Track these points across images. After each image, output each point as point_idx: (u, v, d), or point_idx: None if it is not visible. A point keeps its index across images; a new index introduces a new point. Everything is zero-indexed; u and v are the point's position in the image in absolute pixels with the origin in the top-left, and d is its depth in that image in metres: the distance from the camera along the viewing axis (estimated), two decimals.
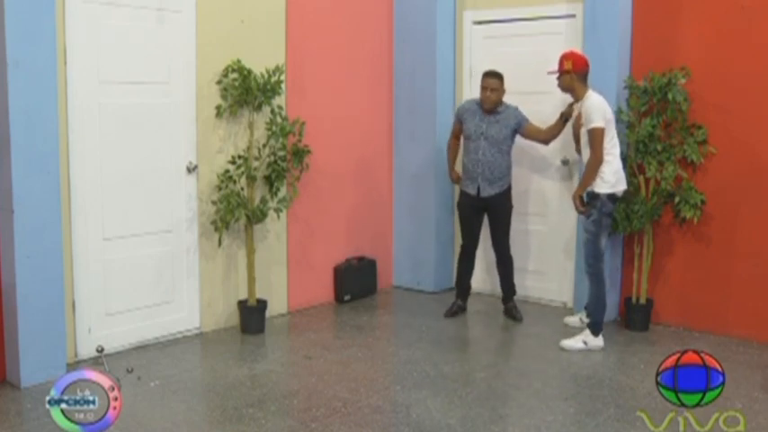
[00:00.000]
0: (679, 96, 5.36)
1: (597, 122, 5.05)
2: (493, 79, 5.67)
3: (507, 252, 5.93)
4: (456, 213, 6.36)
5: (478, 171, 5.74)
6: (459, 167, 6.22)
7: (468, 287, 6.13)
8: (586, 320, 5.40)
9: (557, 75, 5.25)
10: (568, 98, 5.43)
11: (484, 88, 5.69)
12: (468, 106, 5.89)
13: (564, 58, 5.24)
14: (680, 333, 5.61)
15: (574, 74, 5.18)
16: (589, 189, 5.14)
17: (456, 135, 5.94)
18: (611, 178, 5.11)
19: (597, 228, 5.14)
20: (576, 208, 5.25)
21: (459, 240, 6.36)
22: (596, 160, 5.07)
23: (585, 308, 5.41)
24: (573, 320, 5.74)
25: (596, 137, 5.05)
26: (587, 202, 5.18)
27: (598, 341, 5.20)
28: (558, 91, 5.38)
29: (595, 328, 5.21)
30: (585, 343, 5.19)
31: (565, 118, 5.59)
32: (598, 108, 5.07)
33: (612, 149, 5.12)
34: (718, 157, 5.45)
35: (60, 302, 4.57)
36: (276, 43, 5.81)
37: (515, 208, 5.94)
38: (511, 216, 5.89)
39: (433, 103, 6.55)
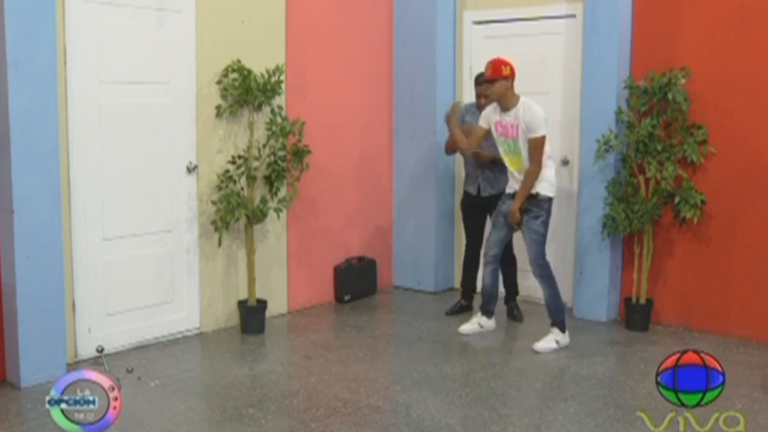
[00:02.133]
0: (679, 96, 5.36)
1: (542, 131, 5.00)
2: (484, 86, 5.65)
3: (510, 253, 5.93)
4: (457, 213, 6.36)
5: (479, 171, 5.74)
6: (459, 169, 6.24)
7: (474, 287, 6.13)
8: (487, 324, 5.57)
9: (490, 79, 5.04)
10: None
11: (478, 96, 5.71)
12: (468, 109, 5.90)
13: (501, 63, 5.05)
14: (680, 333, 5.61)
15: (510, 80, 5.07)
16: (534, 192, 5.08)
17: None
18: (554, 181, 5.18)
19: (545, 229, 5.18)
20: (515, 221, 5.16)
21: (459, 240, 6.37)
22: (539, 169, 5.05)
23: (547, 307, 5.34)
24: (469, 328, 5.68)
25: (541, 146, 5.02)
26: (533, 206, 5.11)
27: (566, 338, 5.25)
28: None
29: (562, 326, 5.25)
30: (558, 342, 5.21)
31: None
32: (541, 116, 5.02)
33: (551, 153, 5.17)
34: (718, 157, 5.45)
35: (60, 302, 4.57)
36: (276, 43, 5.81)
37: None
38: None
39: (433, 103, 6.55)
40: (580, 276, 5.93)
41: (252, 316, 5.55)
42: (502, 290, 6.07)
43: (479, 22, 6.58)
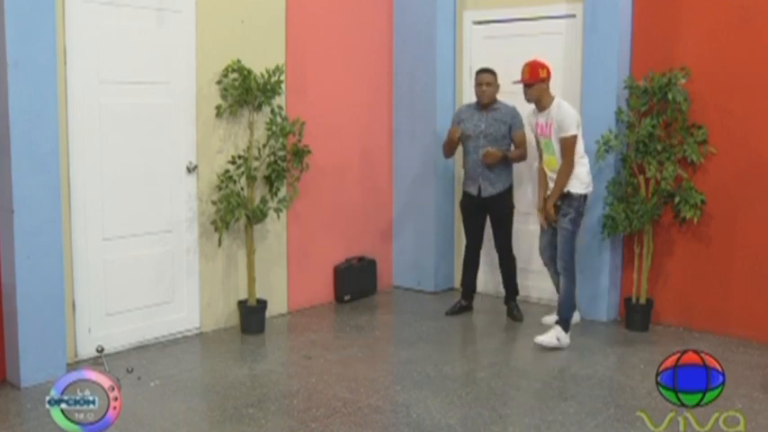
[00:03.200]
0: (679, 96, 5.36)
1: (572, 131, 5.13)
2: (486, 74, 5.69)
3: (510, 253, 5.93)
4: (457, 213, 6.36)
5: (479, 171, 5.73)
6: (459, 169, 6.23)
7: (474, 287, 6.14)
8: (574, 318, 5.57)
9: (528, 84, 5.17)
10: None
11: (478, 84, 5.70)
12: (465, 109, 5.92)
13: (538, 66, 5.18)
14: (680, 333, 5.61)
15: (547, 82, 5.20)
16: (566, 190, 5.20)
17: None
18: (587, 179, 5.26)
19: (574, 226, 5.26)
20: (549, 218, 5.31)
21: (459, 240, 6.37)
22: (570, 168, 5.17)
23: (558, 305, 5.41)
24: (549, 319, 5.75)
25: (571, 145, 5.14)
26: (564, 204, 5.23)
27: (567, 338, 5.28)
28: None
29: (566, 326, 5.29)
30: (558, 339, 5.24)
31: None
32: (573, 116, 5.16)
33: (585, 152, 5.27)
34: (718, 157, 5.45)
35: (60, 302, 4.57)
36: (276, 43, 5.81)
37: (516, 208, 5.94)
38: (513, 216, 5.90)
39: (433, 103, 6.55)
40: (580, 276, 5.91)
41: (252, 316, 5.55)
42: (502, 290, 6.08)
43: (479, 22, 6.58)
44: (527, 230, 6.35)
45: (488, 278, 6.57)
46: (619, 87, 5.65)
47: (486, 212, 5.90)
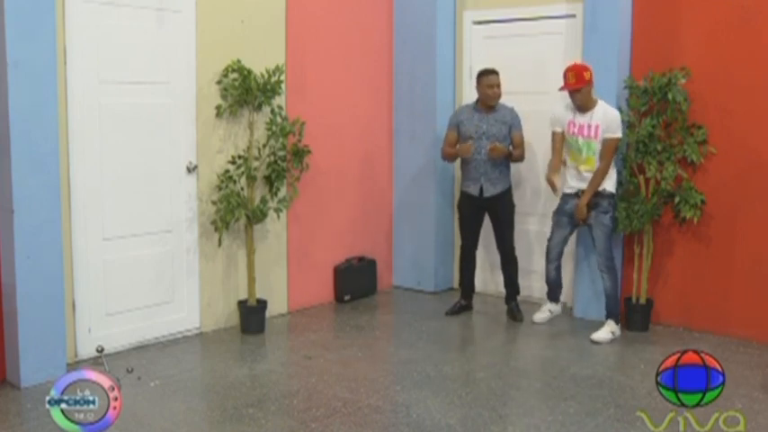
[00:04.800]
0: (679, 96, 5.36)
1: (619, 133, 5.31)
2: (495, 76, 5.69)
3: (512, 252, 5.93)
4: (456, 213, 6.36)
5: (481, 171, 5.72)
6: (458, 170, 6.23)
7: (472, 287, 6.14)
8: (555, 309, 5.84)
9: (576, 89, 5.27)
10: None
11: (489, 86, 5.67)
12: (464, 110, 5.90)
13: (582, 69, 5.28)
14: (680, 333, 5.61)
15: (592, 84, 5.31)
16: (601, 188, 5.37)
17: (451, 144, 5.89)
18: (615, 177, 5.44)
19: (613, 223, 5.44)
20: (582, 216, 5.42)
21: (459, 240, 6.36)
22: (608, 168, 5.34)
23: (606, 297, 5.53)
24: (541, 317, 5.83)
25: (616, 147, 5.33)
26: (601, 202, 5.39)
27: (619, 330, 5.50)
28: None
29: (617, 318, 5.50)
30: (613, 333, 5.43)
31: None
32: (620, 118, 5.33)
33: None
34: (718, 157, 5.45)
35: (60, 302, 4.57)
36: (276, 43, 5.81)
37: (515, 208, 5.94)
38: (514, 215, 5.90)
39: (433, 103, 6.55)
40: (580, 276, 5.93)
41: (252, 316, 5.55)
42: (502, 290, 6.08)
43: (479, 22, 6.58)
44: (527, 230, 6.35)
45: (488, 278, 6.58)
46: (619, 87, 5.65)
47: (485, 213, 5.90)
